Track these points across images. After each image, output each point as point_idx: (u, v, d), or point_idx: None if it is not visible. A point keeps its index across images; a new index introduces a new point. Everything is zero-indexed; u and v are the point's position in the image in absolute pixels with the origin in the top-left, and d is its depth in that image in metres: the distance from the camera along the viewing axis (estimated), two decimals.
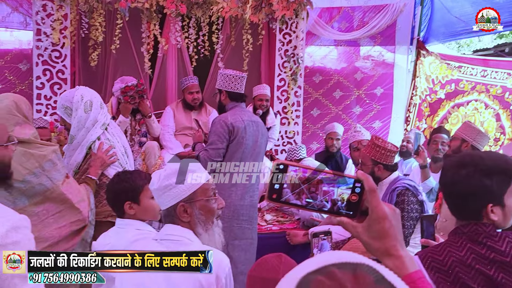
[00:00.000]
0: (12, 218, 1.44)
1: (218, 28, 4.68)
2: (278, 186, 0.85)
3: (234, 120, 3.12)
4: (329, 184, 0.85)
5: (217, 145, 3.09)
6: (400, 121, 5.77)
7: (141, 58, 4.64)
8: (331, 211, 0.86)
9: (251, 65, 5.00)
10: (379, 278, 0.57)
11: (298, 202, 0.85)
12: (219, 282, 1.62)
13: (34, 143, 2.21)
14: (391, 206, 0.85)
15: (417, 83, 5.69)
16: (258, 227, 3.96)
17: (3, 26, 4.41)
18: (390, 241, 0.83)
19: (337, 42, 5.53)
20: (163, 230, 1.70)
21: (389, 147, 3.00)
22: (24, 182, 2.11)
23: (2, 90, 4.36)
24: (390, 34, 5.56)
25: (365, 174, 0.85)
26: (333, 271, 0.57)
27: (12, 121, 2.20)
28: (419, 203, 2.90)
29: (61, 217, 2.25)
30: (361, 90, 5.66)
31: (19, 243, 1.42)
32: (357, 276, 0.56)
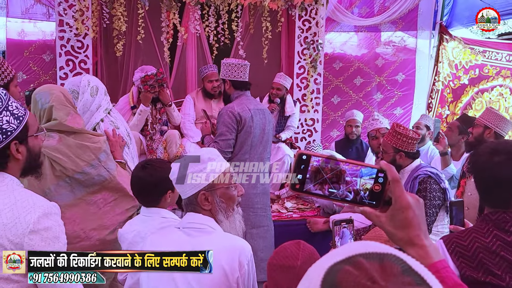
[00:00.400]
0: (43, 205, 1.50)
1: (237, 16, 4.66)
2: (301, 176, 0.85)
3: (241, 109, 3.14)
4: (352, 174, 0.86)
5: (226, 136, 3.11)
6: (422, 108, 5.69)
7: (161, 47, 4.67)
8: (354, 201, 0.86)
9: (271, 52, 4.98)
10: (406, 268, 0.57)
11: (321, 192, 0.86)
12: (242, 268, 1.64)
13: (85, 134, 2.31)
14: (414, 196, 0.85)
15: (439, 69, 5.58)
16: (279, 215, 3.99)
17: (27, 17, 4.48)
18: (414, 231, 0.83)
19: (358, 28, 5.45)
20: (185, 219, 1.73)
21: (410, 134, 2.96)
22: (83, 174, 2.23)
23: (27, 81, 4.46)
24: (412, 19, 5.45)
25: (388, 164, 0.85)
26: (360, 261, 0.57)
27: (65, 111, 2.28)
28: (441, 190, 2.87)
29: (116, 204, 2.35)
30: (382, 76, 5.59)
31: (50, 229, 1.48)
32: (384, 266, 0.56)
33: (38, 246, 1.44)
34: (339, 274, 0.56)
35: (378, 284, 0.54)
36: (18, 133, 1.52)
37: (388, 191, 0.85)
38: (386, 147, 3.03)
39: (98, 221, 2.32)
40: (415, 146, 3.00)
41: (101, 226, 2.30)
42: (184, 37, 4.63)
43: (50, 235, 1.47)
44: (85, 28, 4.22)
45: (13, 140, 1.51)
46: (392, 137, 2.98)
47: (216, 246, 1.64)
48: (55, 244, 1.48)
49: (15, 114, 1.52)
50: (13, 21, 4.43)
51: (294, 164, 0.86)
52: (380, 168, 0.85)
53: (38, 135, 1.62)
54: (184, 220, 1.72)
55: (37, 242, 1.44)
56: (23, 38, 4.51)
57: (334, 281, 0.55)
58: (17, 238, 1.43)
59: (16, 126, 1.51)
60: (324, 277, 0.56)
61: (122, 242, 2.08)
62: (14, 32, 4.46)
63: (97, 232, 2.29)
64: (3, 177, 1.51)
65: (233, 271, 1.61)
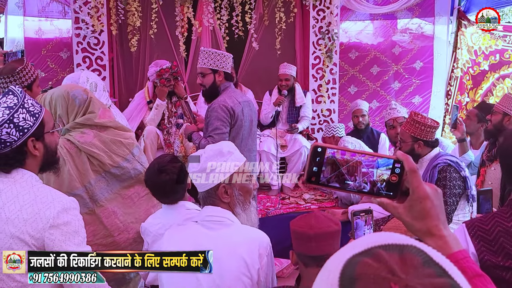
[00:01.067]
0: (62, 200, 1.53)
1: (251, 7, 4.64)
2: (316, 168, 0.85)
3: (232, 103, 3.03)
4: (368, 165, 0.85)
5: (221, 130, 2.99)
6: (441, 95, 5.59)
7: (176, 41, 4.68)
8: (371, 192, 0.85)
9: (286, 43, 4.95)
10: (426, 259, 0.56)
11: (337, 184, 0.85)
12: (262, 260, 1.66)
13: (115, 129, 2.35)
14: (433, 186, 0.84)
15: (458, 55, 5.46)
16: (297, 206, 3.99)
17: (43, 15, 4.54)
18: (432, 221, 0.82)
19: (373, 16, 5.37)
20: (204, 212, 1.73)
21: (429, 122, 2.92)
22: (119, 168, 2.28)
23: (45, 78, 4.52)
24: (429, 5, 5.35)
25: (405, 154, 0.84)
26: (380, 253, 0.56)
27: (98, 104, 2.35)
28: (462, 179, 2.82)
29: (149, 198, 2.38)
30: (400, 64, 5.50)
31: (70, 223, 1.51)
32: (404, 258, 0.55)
33: (58, 240, 1.47)
34: (358, 267, 0.55)
35: (398, 276, 0.53)
36: (35, 130, 1.54)
37: (405, 181, 0.84)
38: (404, 136, 2.98)
39: (135, 214, 2.38)
40: (434, 134, 2.96)
41: (138, 220, 2.34)
42: (198, 31, 4.63)
43: (70, 229, 1.50)
44: (100, 25, 4.25)
45: (30, 137, 1.53)
46: (410, 126, 2.93)
47: (236, 238, 1.65)
48: (75, 238, 1.50)
49: (31, 111, 1.54)
50: (30, 20, 4.50)
51: (309, 157, 0.85)
52: (397, 158, 0.84)
53: (54, 131, 1.65)
54: (203, 214, 1.73)
55: (57, 236, 1.47)
56: (40, 36, 4.57)
57: (353, 273, 0.54)
58: (38, 233, 1.45)
59: (33, 123, 1.53)
60: (342, 269, 0.56)
61: (147, 235, 2.10)
62: (31, 31, 4.53)
63: (135, 225, 2.33)
64: (22, 174, 1.54)
65: (253, 262, 1.63)
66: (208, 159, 1.68)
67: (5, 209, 1.46)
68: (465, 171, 2.87)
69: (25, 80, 2.81)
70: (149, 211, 2.36)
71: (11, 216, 1.44)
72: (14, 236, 1.43)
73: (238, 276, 1.61)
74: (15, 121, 1.49)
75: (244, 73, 5.01)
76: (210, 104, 3.08)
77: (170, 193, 2.08)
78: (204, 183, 1.70)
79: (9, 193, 1.49)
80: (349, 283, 0.54)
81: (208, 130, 3.01)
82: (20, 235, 1.44)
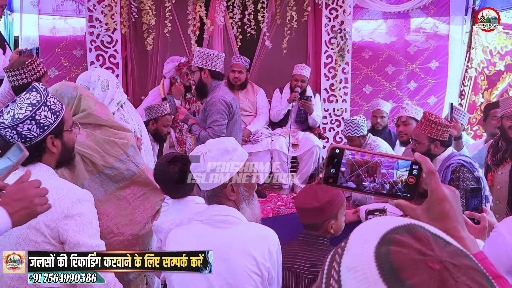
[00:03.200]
0: (77, 192, 1.57)
1: (263, 6, 4.64)
2: (334, 170, 0.85)
3: (230, 98, 3.32)
4: (388, 167, 0.85)
5: (220, 122, 3.24)
6: (454, 96, 5.53)
7: (188, 40, 4.70)
8: (388, 194, 0.86)
9: (298, 42, 4.94)
10: (432, 233, 0.60)
11: (354, 186, 0.86)
12: (271, 257, 1.65)
13: (111, 128, 2.31)
14: (451, 188, 0.84)
15: (472, 55, 5.40)
16: None
17: (58, 14, 4.59)
18: (451, 223, 0.82)
19: (386, 15, 5.33)
20: (209, 211, 1.71)
21: (444, 122, 2.89)
22: (113, 169, 2.25)
23: (58, 76, 4.57)
24: (444, 4, 5.29)
25: (422, 156, 0.85)
26: (397, 238, 0.59)
27: (93, 101, 2.33)
28: (475, 179, 2.78)
29: (146, 199, 2.37)
30: (415, 64, 5.45)
31: (83, 214, 1.54)
32: (417, 237, 0.59)
33: (73, 230, 1.50)
34: (392, 257, 0.57)
35: (428, 255, 0.56)
36: (55, 128, 1.58)
37: (422, 183, 0.85)
38: (419, 137, 2.93)
39: (130, 216, 2.35)
40: (448, 133, 2.92)
41: (132, 221, 2.33)
42: (210, 30, 4.64)
43: (84, 220, 1.54)
44: (114, 23, 4.28)
45: (49, 134, 1.57)
46: (426, 126, 2.89)
47: (245, 236, 1.65)
48: (89, 229, 1.54)
49: (52, 109, 1.58)
50: (45, 18, 4.55)
51: (327, 158, 0.86)
52: (414, 160, 0.85)
53: (73, 129, 1.68)
54: (209, 213, 1.70)
55: (71, 226, 1.51)
56: (54, 34, 4.62)
57: (391, 265, 0.56)
58: (53, 223, 1.50)
59: (53, 120, 1.57)
60: (377, 265, 0.57)
61: (159, 232, 2.11)
62: (46, 29, 4.58)
63: (130, 227, 2.32)
64: (39, 167, 1.59)
65: (263, 260, 1.63)
66: (214, 159, 1.66)
67: None
68: (478, 172, 2.83)
69: (34, 74, 2.84)
70: (146, 213, 2.35)
71: None
72: (31, 226, 1.48)
73: (249, 273, 1.60)
74: (37, 118, 1.53)
75: (256, 71, 5.01)
76: (210, 99, 3.32)
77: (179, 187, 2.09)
78: (208, 183, 1.68)
79: None
80: (393, 275, 0.55)
81: (208, 122, 3.25)
82: (36, 225, 1.48)
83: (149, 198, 2.40)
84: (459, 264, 0.56)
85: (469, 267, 0.57)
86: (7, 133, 1.52)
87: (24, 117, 1.51)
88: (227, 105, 3.26)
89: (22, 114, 1.51)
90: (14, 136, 1.52)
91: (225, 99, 3.27)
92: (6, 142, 1.54)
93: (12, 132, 1.51)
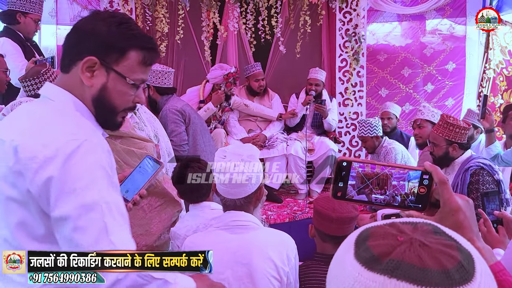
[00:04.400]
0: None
1: (276, 11, 4.64)
2: (342, 183, 0.84)
3: (180, 105, 3.38)
4: (398, 179, 0.83)
5: (177, 130, 3.29)
6: (472, 97, 5.44)
7: (202, 46, 4.73)
8: (400, 205, 0.84)
9: (312, 46, 4.93)
10: (438, 230, 0.61)
11: (364, 199, 0.84)
12: (290, 262, 1.66)
13: (132, 138, 2.31)
14: (464, 197, 0.82)
15: (490, 56, 5.31)
16: None
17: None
18: (466, 234, 0.78)
19: (401, 18, 5.28)
20: (226, 217, 1.70)
21: (462, 124, 2.84)
22: None
23: None
24: (460, 4, 5.22)
25: (433, 165, 0.82)
26: (395, 222, 0.62)
27: None
28: (495, 182, 2.73)
29: (162, 209, 2.36)
30: (432, 66, 5.38)
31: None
32: (416, 226, 0.61)
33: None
34: (372, 229, 0.62)
35: (405, 233, 0.59)
36: None
37: (434, 193, 0.82)
38: (437, 140, 2.89)
39: (145, 226, 2.34)
40: (466, 136, 2.88)
41: (148, 232, 2.31)
42: (224, 36, 4.66)
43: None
44: None
45: None
46: (444, 129, 2.85)
47: (265, 241, 1.65)
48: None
49: None
50: (63, 28, 4.63)
51: (334, 172, 0.84)
52: (425, 169, 0.82)
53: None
54: (226, 219, 1.70)
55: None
56: None
57: (367, 233, 0.61)
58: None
59: None
60: (360, 233, 0.62)
61: (176, 238, 2.12)
62: (63, 39, 4.66)
63: (144, 238, 2.31)
64: None
65: (283, 265, 1.63)
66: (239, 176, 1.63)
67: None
68: (498, 174, 2.78)
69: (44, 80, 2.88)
70: (162, 224, 2.34)
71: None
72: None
73: (269, 278, 1.61)
74: None
75: (271, 77, 5.01)
76: (160, 113, 3.39)
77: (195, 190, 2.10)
78: (244, 191, 1.65)
79: None
80: (362, 240, 0.60)
81: (168, 135, 3.22)
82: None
83: (165, 209, 2.38)
84: (427, 243, 0.57)
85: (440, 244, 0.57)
86: None
87: None
88: (178, 112, 3.32)
89: None
90: None
91: (175, 107, 3.33)
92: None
93: None
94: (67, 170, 1.04)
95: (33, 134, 1.08)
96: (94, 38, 1.16)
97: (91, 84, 1.16)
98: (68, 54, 1.20)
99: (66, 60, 1.20)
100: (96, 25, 1.17)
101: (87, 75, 1.15)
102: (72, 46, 1.20)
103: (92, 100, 1.18)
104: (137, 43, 1.18)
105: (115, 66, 1.16)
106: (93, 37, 1.16)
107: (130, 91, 1.20)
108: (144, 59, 1.20)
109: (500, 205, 2.75)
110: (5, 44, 3.59)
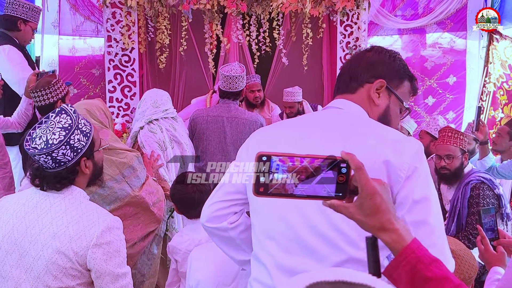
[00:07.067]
0: (107, 219, 1.56)
1: (278, 24, 4.67)
2: (264, 178, 0.82)
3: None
4: (316, 169, 0.82)
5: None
6: (473, 111, 5.43)
7: (205, 58, 4.75)
8: (321, 196, 0.84)
9: (313, 59, 4.95)
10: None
11: (287, 192, 0.82)
12: None
13: (114, 149, 2.29)
14: (379, 181, 0.84)
15: (490, 69, 5.32)
16: None
17: (77, 34, 4.69)
18: (384, 216, 0.83)
19: (401, 31, 5.31)
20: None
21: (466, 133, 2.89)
22: (106, 188, 2.20)
23: (78, 95, 4.66)
24: (461, 18, 5.25)
25: (349, 153, 0.82)
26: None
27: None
28: (496, 197, 2.72)
29: (136, 219, 2.34)
30: (433, 79, 5.40)
31: (112, 243, 1.53)
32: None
33: (100, 259, 1.50)
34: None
35: None
36: (86, 150, 1.58)
37: (352, 180, 0.83)
38: (453, 151, 2.85)
39: None
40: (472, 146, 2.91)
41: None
42: (226, 48, 4.69)
43: (112, 249, 1.53)
44: (131, 43, 4.36)
45: (82, 156, 1.57)
46: (456, 139, 2.85)
47: None
48: (116, 258, 1.53)
49: (84, 131, 1.58)
50: (65, 38, 4.66)
51: (254, 167, 0.82)
52: (341, 158, 0.82)
53: (100, 149, 1.69)
54: None
55: (99, 255, 1.50)
56: (73, 54, 4.72)
57: None
58: (82, 250, 1.49)
59: (85, 143, 1.57)
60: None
61: (176, 253, 2.10)
62: (65, 49, 4.68)
63: None
64: (71, 190, 1.58)
65: None
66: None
67: (53, 224, 1.50)
68: (499, 189, 2.77)
69: (59, 93, 2.88)
70: (135, 233, 2.31)
71: (58, 232, 1.49)
72: (60, 252, 1.48)
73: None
74: (71, 142, 1.52)
75: (271, 88, 5.03)
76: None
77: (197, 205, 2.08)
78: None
79: (58, 208, 1.53)
80: None
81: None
82: (65, 251, 1.48)
83: (140, 219, 2.35)
84: None
85: None
86: (41, 159, 1.50)
87: (58, 143, 1.49)
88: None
89: (56, 140, 1.49)
90: (49, 161, 1.51)
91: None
92: (38, 168, 1.54)
93: (46, 158, 1.50)
94: None
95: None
96: (384, 66, 1.30)
97: (378, 103, 1.29)
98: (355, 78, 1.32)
99: (354, 83, 1.31)
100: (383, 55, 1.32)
101: (375, 95, 1.29)
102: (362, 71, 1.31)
103: (378, 118, 1.30)
104: (410, 75, 1.35)
105: (396, 90, 1.31)
106: (382, 64, 1.30)
107: (400, 115, 1.36)
108: (412, 89, 1.38)
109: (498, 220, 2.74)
110: (11, 52, 3.57)
